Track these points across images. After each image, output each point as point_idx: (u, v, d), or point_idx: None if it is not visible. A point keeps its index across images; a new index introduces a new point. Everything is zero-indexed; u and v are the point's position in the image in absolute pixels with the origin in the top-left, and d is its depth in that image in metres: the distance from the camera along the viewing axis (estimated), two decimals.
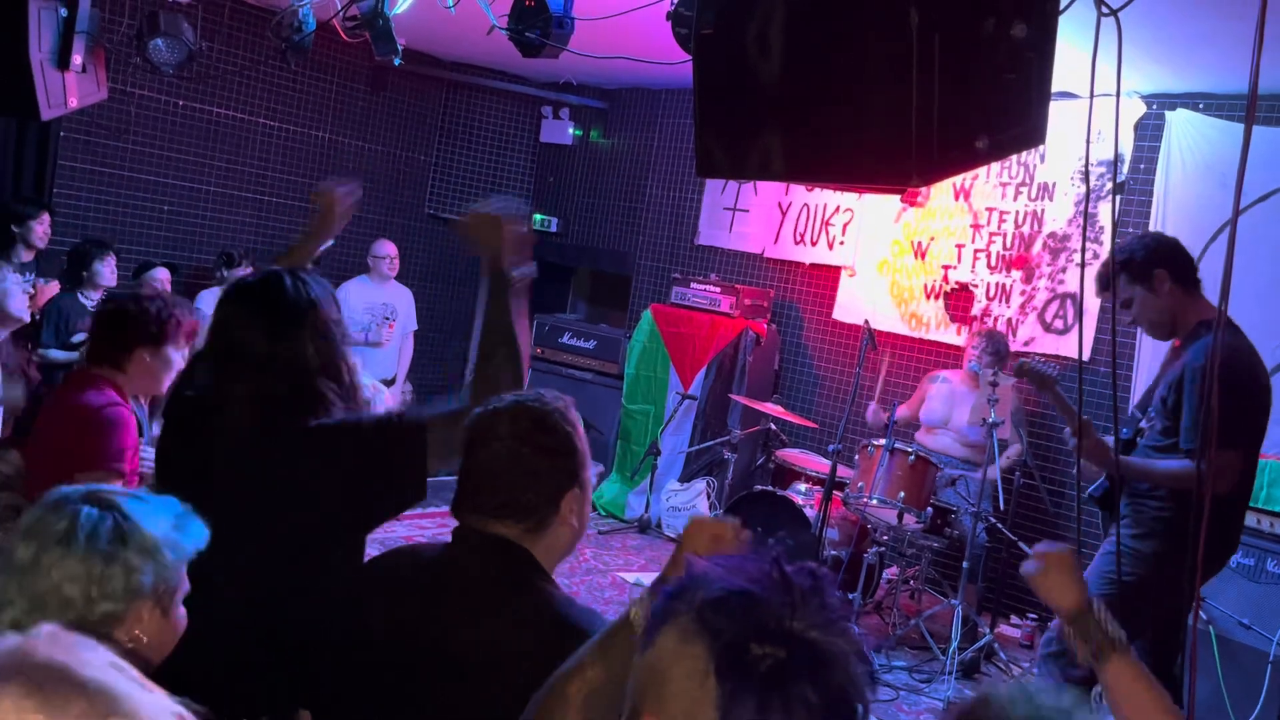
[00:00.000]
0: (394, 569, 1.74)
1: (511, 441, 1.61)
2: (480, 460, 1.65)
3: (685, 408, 6.78)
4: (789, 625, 0.97)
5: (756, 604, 0.99)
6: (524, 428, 1.63)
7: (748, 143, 2.12)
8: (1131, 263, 3.30)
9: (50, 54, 3.82)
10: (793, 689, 0.94)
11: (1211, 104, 5.37)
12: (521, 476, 1.61)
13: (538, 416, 1.65)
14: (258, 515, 1.95)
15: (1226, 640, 4.26)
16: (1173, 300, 3.28)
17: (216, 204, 7.30)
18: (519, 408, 1.66)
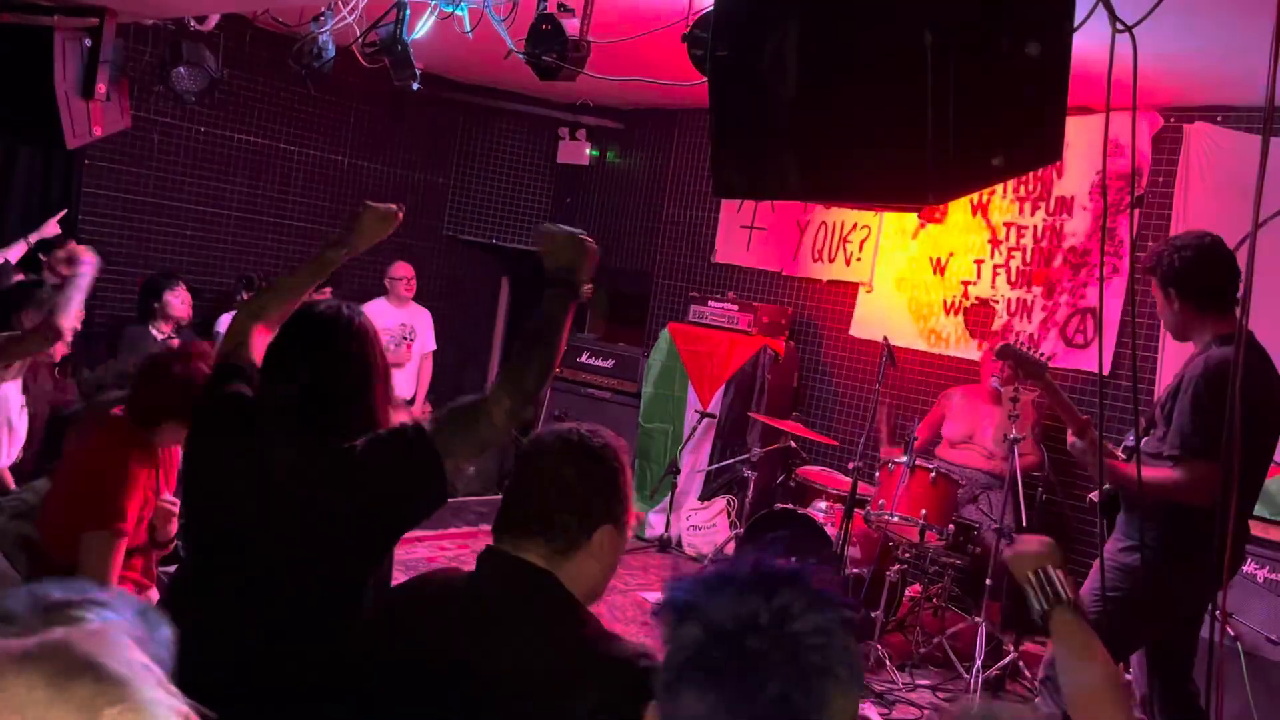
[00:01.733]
0: (421, 596, 1.75)
1: (558, 460, 1.65)
2: (525, 476, 1.68)
3: (704, 426, 6.77)
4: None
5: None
6: (573, 451, 1.66)
7: (764, 162, 2.13)
8: (1157, 270, 3.36)
9: (75, 83, 3.89)
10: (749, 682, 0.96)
11: (1230, 116, 5.35)
12: (559, 495, 1.63)
13: (589, 445, 1.68)
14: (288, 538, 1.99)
15: (1254, 657, 4.21)
16: (1184, 317, 3.33)
17: (238, 228, 7.38)
18: (573, 434, 1.70)
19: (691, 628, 1.00)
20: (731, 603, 1.00)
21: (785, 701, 0.95)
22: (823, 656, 0.97)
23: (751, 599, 0.99)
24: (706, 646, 0.98)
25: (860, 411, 6.71)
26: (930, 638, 5.25)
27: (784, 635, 0.97)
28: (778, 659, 0.96)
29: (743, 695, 0.96)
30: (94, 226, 6.63)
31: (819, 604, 1.00)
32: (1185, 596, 3.22)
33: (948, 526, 5.00)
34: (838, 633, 0.99)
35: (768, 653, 0.96)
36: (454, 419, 2.06)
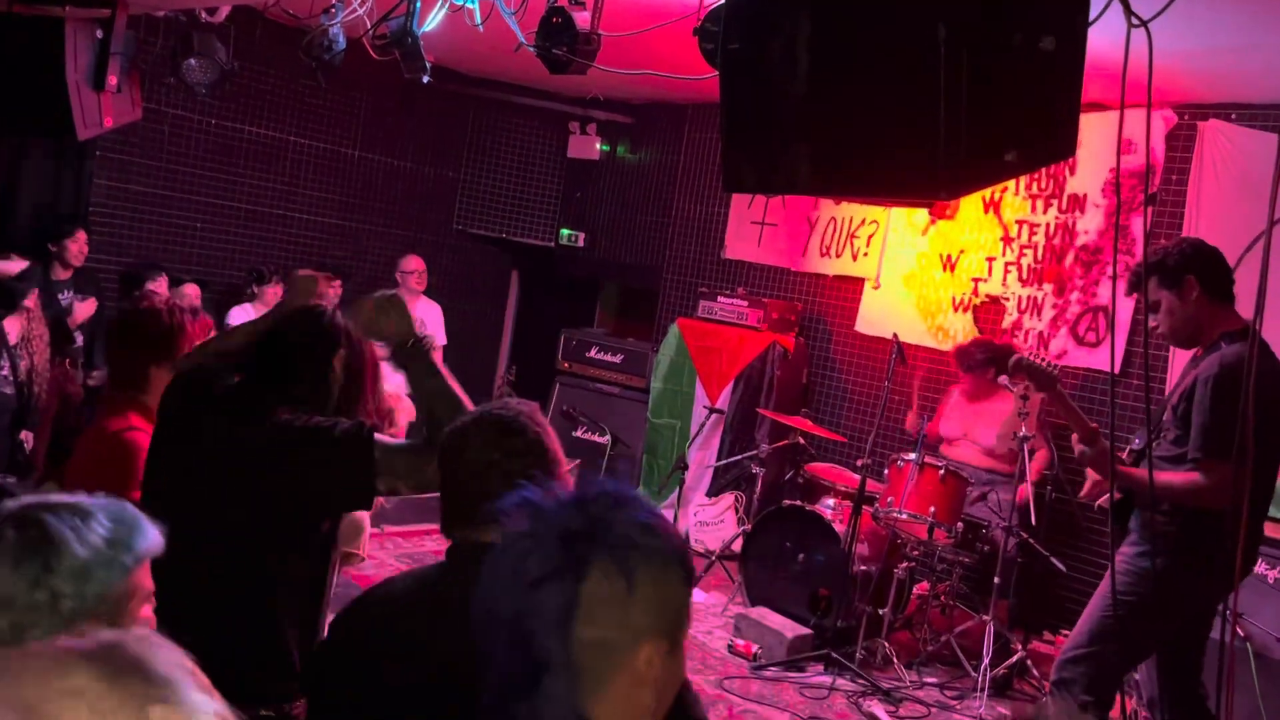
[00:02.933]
0: (390, 595, 1.73)
1: (482, 449, 1.67)
2: (456, 474, 1.69)
3: (712, 422, 6.76)
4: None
5: None
6: (492, 435, 1.68)
7: (775, 157, 2.12)
8: (1164, 266, 3.25)
9: (87, 75, 3.89)
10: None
11: (1245, 114, 5.31)
12: (497, 481, 1.63)
13: (504, 422, 1.70)
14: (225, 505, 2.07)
15: (1264, 658, 4.18)
16: (1199, 310, 3.23)
17: (247, 221, 7.39)
18: (485, 417, 1.72)
19: (524, 522, 1.16)
20: (563, 509, 1.16)
21: (540, 576, 1.12)
22: (603, 548, 1.12)
23: (580, 510, 1.16)
24: (521, 534, 1.16)
25: (869, 408, 6.69)
26: (938, 636, 5.24)
27: (599, 532, 1.13)
28: (564, 549, 1.12)
29: (511, 568, 1.13)
30: (104, 218, 6.64)
31: (630, 518, 1.16)
32: (1199, 599, 3.20)
33: (956, 524, 4.99)
34: (637, 539, 1.14)
35: (563, 544, 1.12)
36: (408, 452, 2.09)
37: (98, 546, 1.37)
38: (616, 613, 1.12)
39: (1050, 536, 5.31)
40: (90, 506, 1.42)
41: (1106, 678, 3.29)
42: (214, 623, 1.98)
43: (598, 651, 1.12)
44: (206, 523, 2.04)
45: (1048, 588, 5.55)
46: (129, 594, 1.41)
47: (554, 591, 1.11)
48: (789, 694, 4.64)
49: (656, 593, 1.15)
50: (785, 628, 5.03)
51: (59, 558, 1.34)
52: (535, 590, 1.11)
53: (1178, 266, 3.22)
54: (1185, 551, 3.15)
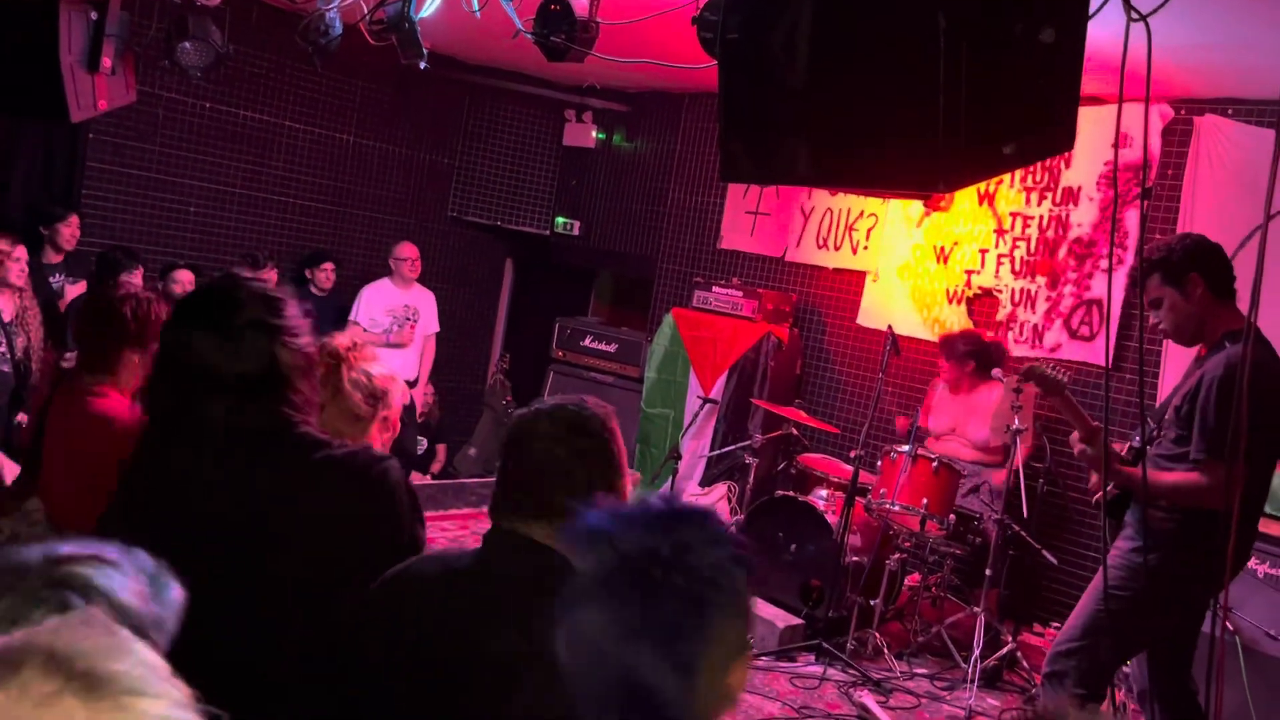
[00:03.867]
0: (422, 577, 1.70)
1: (549, 442, 1.63)
2: (518, 461, 1.66)
3: (706, 412, 6.76)
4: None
5: None
6: (562, 430, 1.64)
7: (773, 147, 2.12)
8: (1167, 263, 3.22)
9: (81, 57, 3.86)
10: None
11: (1241, 109, 5.32)
12: (557, 477, 1.61)
13: (577, 420, 1.66)
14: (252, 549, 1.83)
15: (1252, 651, 4.21)
16: (1202, 307, 3.21)
17: (242, 206, 7.36)
18: (559, 410, 1.68)
19: (601, 552, 1.13)
20: (639, 534, 1.12)
21: (673, 624, 1.09)
22: (714, 589, 1.11)
23: (656, 533, 1.12)
24: (613, 570, 1.12)
25: (863, 400, 6.70)
26: (929, 627, 5.26)
27: (680, 567, 1.10)
28: (673, 587, 1.09)
29: (637, 615, 1.09)
30: (97, 201, 6.61)
31: (715, 542, 1.14)
32: (1192, 597, 3.21)
33: (949, 516, 5.00)
34: (729, 568, 1.13)
35: (664, 580, 1.09)
36: None
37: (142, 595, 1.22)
38: (730, 653, 1.14)
39: (1041, 529, 5.32)
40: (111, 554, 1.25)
41: (1098, 671, 3.30)
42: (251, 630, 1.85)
43: (712, 693, 1.13)
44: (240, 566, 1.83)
45: (1038, 580, 5.57)
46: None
47: (683, 644, 1.10)
48: (780, 684, 4.65)
49: (743, 616, 1.18)
50: (777, 618, 5.04)
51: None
52: (662, 642, 1.10)
53: (1182, 264, 3.19)
54: (1181, 549, 3.15)
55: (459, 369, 8.71)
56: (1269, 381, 3.02)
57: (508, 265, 9.18)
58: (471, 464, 8.05)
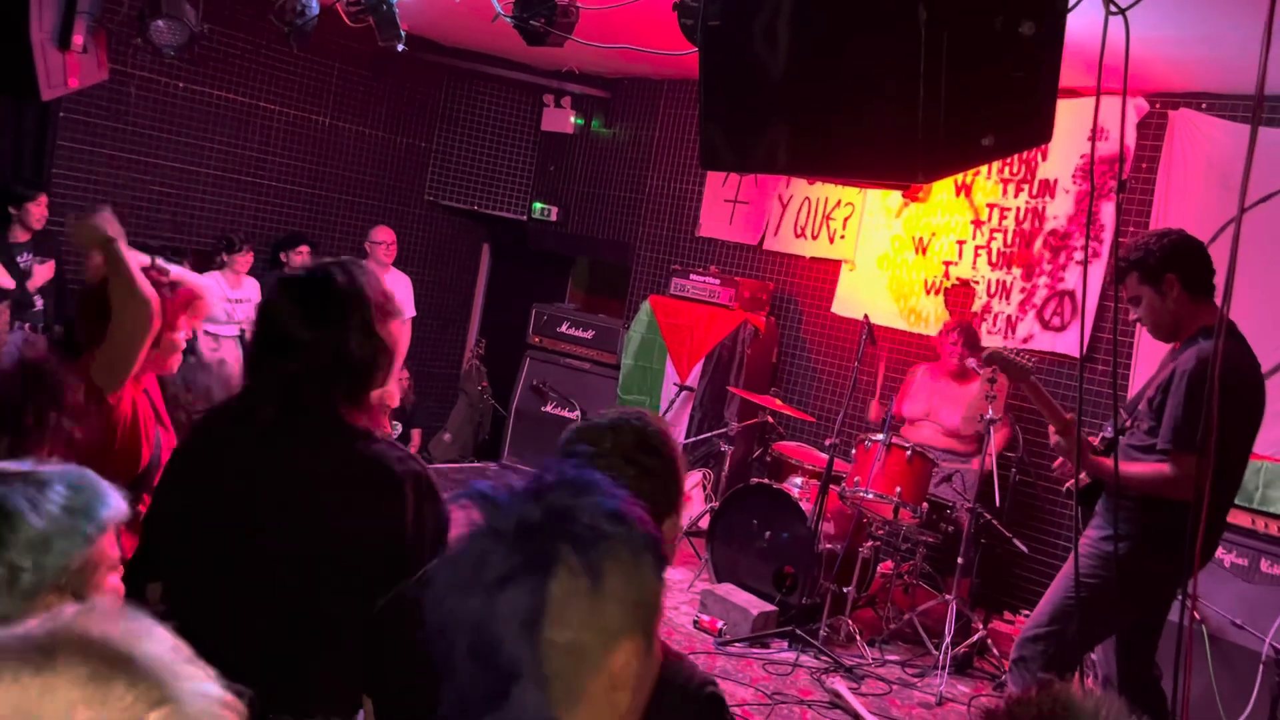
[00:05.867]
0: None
1: (616, 459, 1.55)
2: None
3: (682, 399, 6.78)
4: None
5: None
6: (629, 446, 1.57)
7: (753, 135, 2.12)
8: (1145, 263, 3.26)
9: (52, 34, 3.80)
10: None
11: (1215, 103, 5.36)
12: None
13: (642, 436, 1.60)
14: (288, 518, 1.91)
15: (1218, 640, 4.27)
16: (1178, 306, 3.25)
17: (215, 187, 7.28)
18: (624, 426, 1.61)
19: (474, 517, 1.09)
20: (521, 501, 1.07)
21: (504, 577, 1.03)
22: (568, 545, 1.03)
23: (537, 501, 1.07)
24: (476, 532, 1.07)
25: (838, 388, 6.73)
26: (900, 614, 5.30)
27: (550, 530, 1.04)
28: (525, 545, 1.04)
29: (470, 568, 1.05)
30: (68, 181, 6.52)
31: (596, 507, 1.07)
32: (1160, 586, 3.26)
33: (922, 505, 5.04)
34: (604, 531, 1.05)
35: (520, 539, 1.04)
36: None
37: (55, 515, 1.30)
38: (588, 612, 1.03)
39: (1012, 518, 5.38)
40: (46, 474, 1.33)
41: (1065, 657, 3.35)
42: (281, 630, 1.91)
43: (570, 656, 1.03)
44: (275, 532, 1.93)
45: (1009, 568, 5.63)
46: (93, 564, 1.34)
47: (519, 593, 1.02)
48: (753, 670, 4.68)
49: (629, 587, 1.06)
50: (751, 604, 5.07)
51: (14, 529, 1.26)
52: (498, 592, 1.02)
53: (1159, 265, 3.23)
54: (1149, 539, 3.19)
55: (434, 354, 8.68)
56: (1236, 377, 3.06)
57: (484, 250, 9.15)
58: (446, 450, 8.03)
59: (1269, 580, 4.31)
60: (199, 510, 2.00)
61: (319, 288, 2.00)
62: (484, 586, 1.03)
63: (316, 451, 1.95)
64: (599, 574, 1.04)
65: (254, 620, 1.92)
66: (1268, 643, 4.12)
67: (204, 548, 1.99)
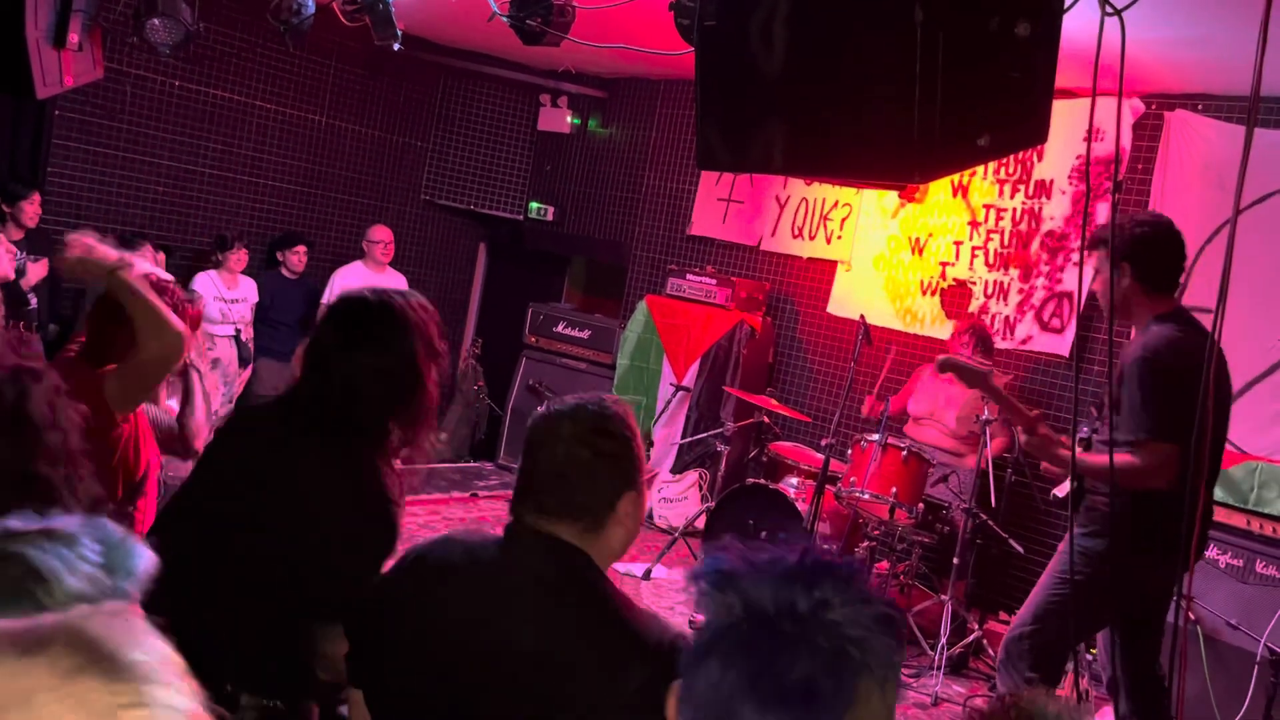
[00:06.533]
0: (447, 562, 1.72)
1: (573, 443, 1.64)
2: (541, 461, 1.66)
3: (678, 399, 6.77)
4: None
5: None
6: (585, 430, 1.65)
7: (749, 135, 2.12)
8: (1110, 241, 3.30)
9: (47, 32, 3.79)
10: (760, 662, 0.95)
11: (1211, 104, 5.37)
12: (581, 478, 1.63)
13: (599, 420, 1.67)
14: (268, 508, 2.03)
15: (1214, 640, 4.28)
16: (1130, 294, 3.28)
17: (211, 186, 7.27)
18: (580, 410, 1.68)
19: (730, 599, 0.99)
20: (773, 584, 0.99)
21: (810, 686, 0.94)
22: (857, 650, 0.96)
23: (794, 585, 0.98)
24: (742, 620, 0.98)
25: (834, 389, 6.73)
26: None
27: (820, 624, 0.96)
28: (810, 645, 0.95)
29: (768, 673, 0.95)
30: (63, 179, 6.51)
31: (862, 600, 0.99)
32: (1145, 580, 3.25)
33: (917, 505, 5.04)
34: (875, 630, 0.98)
35: (801, 637, 0.95)
36: None
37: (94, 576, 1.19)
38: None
39: (1009, 519, 5.38)
40: (69, 530, 1.23)
41: (1051, 655, 3.35)
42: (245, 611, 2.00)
43: None
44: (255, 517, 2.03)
45: (1005, 569, 5.63)
46: None
47: (821, 712, 0.94)
48: None
49: (892, 691, 1.00)
50: None
51: (50, 594, 1.15)
52: (799, 707, 0.94)
53: (1118, 251, 3.27)
54: (1125, 532, 3.20)
55: None
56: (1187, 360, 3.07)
57: (481, 250, 9.14)
58: (442, 449, 8.02)
59: (1264, 581, 4.32)
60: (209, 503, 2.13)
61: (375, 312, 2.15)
62: (770, 697, 0.94)
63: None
64: (887, 683, 0.98)
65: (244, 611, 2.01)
66: (1263, 643, 4.13)
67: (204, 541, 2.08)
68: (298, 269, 7.04)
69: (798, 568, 1.00)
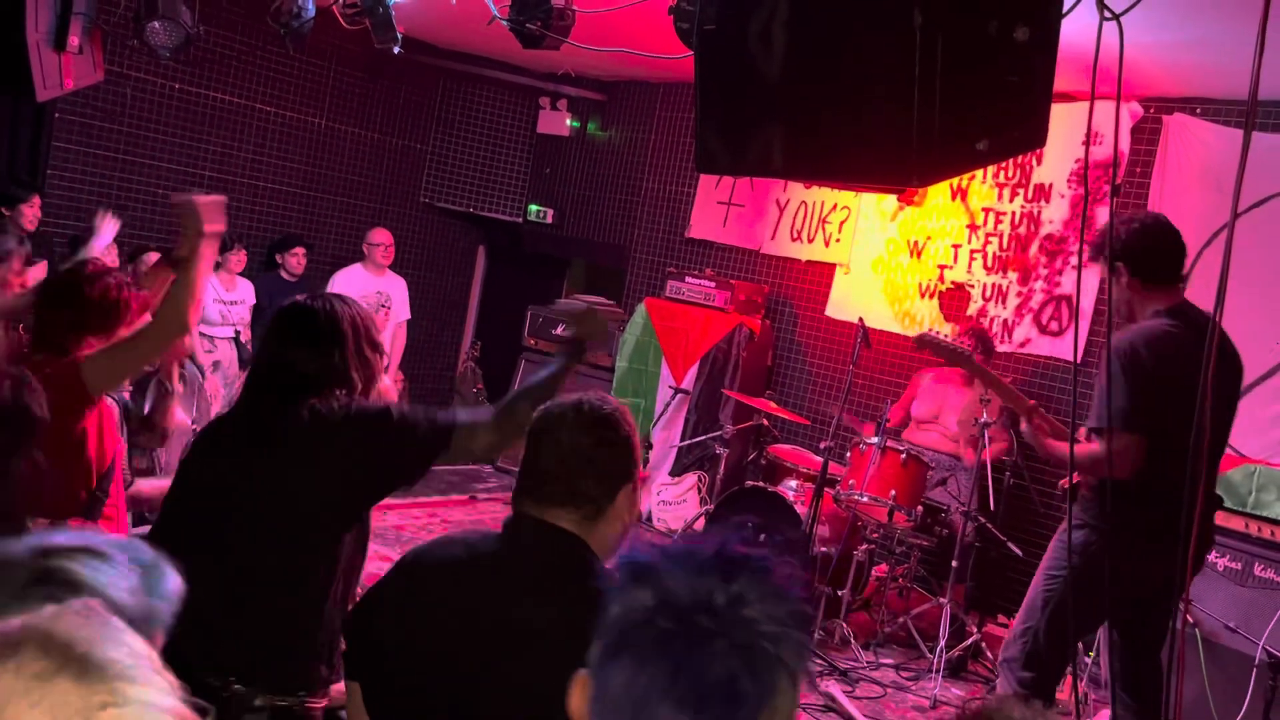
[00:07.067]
0: (447, 558, 1.76)
1: (576, 433, 1.72)
2: (545, 452, 1.73)
3: (677, 402, 6.78)
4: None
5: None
6: (587, 422, 1.73)
7: (748, 138, 2.12)
8: (1105, 245, 3.37)
9: (47, 35, 3.80)
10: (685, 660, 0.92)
11: (1209, 108, 5.38)
12: (583, 465, 1.70)
13: (600, 415, 1.75)
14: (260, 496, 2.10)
15: (1212, 643, 4.28)
16: (1130, 293, 3.31)
17: (211, 189, 7.19)
18: (582, 405, 1.76)
19: (644, 592, 0.95)
20: (689, 577, 0.95)
21: (730, 685, 0.91)
22: (775, 646, 0.93)
23: (710, 578, 0.95)
24: (656, 615, 0.94)
25: (833, 392, 6.73)
26: (895, 617, 5.31)
27: (738, 619, 0.93)
28: (727, 641, 0.92)
29: (685, 672, 0.91)
30: (63, 182, 6.51)
31: (777, 595, 0.97)
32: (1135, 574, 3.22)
33: (916, 508, 5.04)
34: (792, 625, 0.96)
35: (718, 633, 0.92)
36: (468, 430, 2.35)
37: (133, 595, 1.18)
38: (783, 717, 0.95)
39: (1007, 522, 5.38)
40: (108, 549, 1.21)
41: (1041, 653, 3.35)
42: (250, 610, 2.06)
43: None
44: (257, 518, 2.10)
45: (1004, 572, 5.63)
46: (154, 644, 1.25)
47: (739, 710, 0.91)
48: None
49: (799, 689, 0.98)
50: None
51: None
52: (717, 707, 0.91)
53: (1113, 252, 3.32)
54: (1103, 524, 3.20)
55: (430, 356, 8.67)
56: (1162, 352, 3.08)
57: (480, 252, 9.14)
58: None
59: (1262, 584, 4.32)
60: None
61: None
62: (687, 697, 0.91)
63: None
64: (799, 680, 0.96)
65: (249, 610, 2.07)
66: (1261, 646, 4.13)
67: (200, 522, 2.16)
68: (296, 272, 7.05)
69: (714, 561, 0.97)
